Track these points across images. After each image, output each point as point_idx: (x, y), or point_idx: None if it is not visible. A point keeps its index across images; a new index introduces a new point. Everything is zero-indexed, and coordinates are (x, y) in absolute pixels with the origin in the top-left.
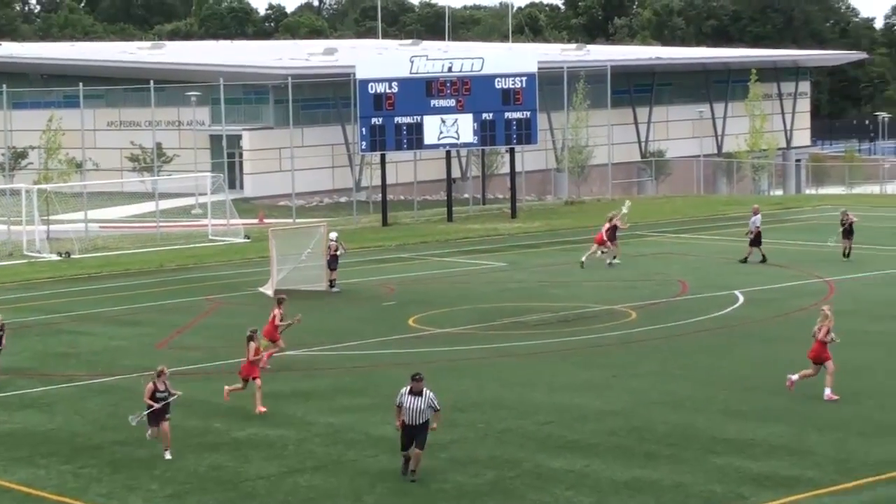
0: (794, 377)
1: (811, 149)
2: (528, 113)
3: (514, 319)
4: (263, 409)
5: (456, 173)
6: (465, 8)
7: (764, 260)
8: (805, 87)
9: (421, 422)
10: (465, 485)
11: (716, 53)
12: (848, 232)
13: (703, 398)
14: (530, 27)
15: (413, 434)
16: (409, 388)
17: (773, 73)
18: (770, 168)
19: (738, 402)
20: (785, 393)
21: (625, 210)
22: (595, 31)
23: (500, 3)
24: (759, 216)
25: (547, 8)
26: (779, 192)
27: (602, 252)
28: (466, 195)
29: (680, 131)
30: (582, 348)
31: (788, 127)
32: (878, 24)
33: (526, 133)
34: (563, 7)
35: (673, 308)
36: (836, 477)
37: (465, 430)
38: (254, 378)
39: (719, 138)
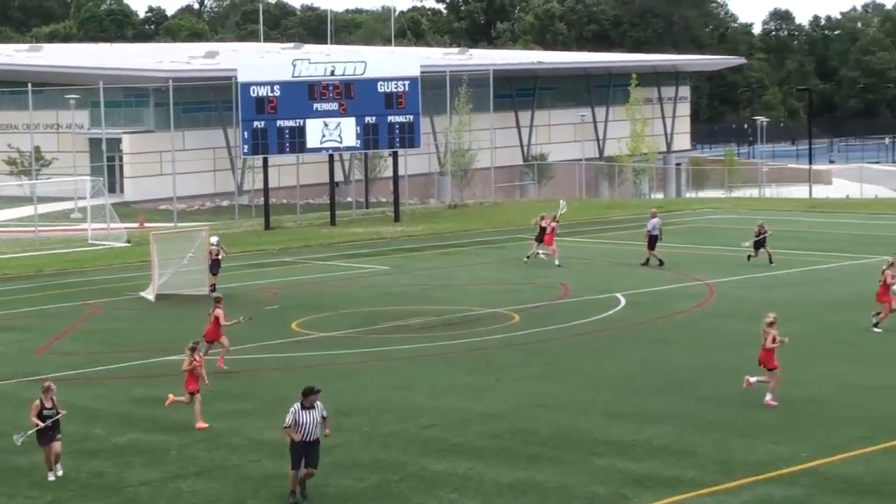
0: (753, 379)
1: (691, 153)
2: (411, 116)
3: (397, 323)
4: (204, 425)
5: (339, 177)
6: (347, 11)
7: (655, 265)
8: (685, 91)
9: (316, 437)
10: (349, 489)
11: (597, 58)
12: (760, 244)
13: (585, 400)
14: (413, 31)
15: (307, 451)
16: (300, 403)
17: (654, 77)
18: (651, 172)
19: (620, 403)
20: (666, 394)
21: (562, 210)
22: (477, 36)
23: (383, 7)
24: (657, 219)
25: (429, 12)
26: (659, 196)
27: (541, 252)
28: (349, 199)
29: (562, 135)
30: (465, 351)
31: (669, 131)
32: (757, 29)
33: (409, 137)
34: (445, 11)
35: (555, 311)
36: (718, 477)
37: (348, 434)
38: (192, 393)
39: (601, 142)
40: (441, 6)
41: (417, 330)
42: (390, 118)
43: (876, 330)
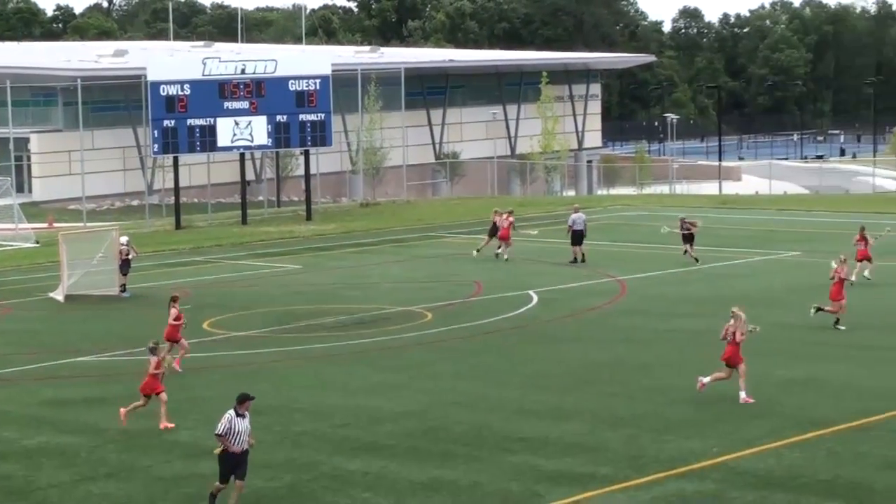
0: (706, 380)
1: (602, 150)
2: (323, 115)
3: (310, 322)
4: (171, 426)
5: (250, 176)
6: (258, 10)
7: (579, 261)
8: (596, 89)
9: (247, 446)
10: (262, 489)
11: (508, 56)
12: (689, 238)
13: (497, 398)
14: (324, 29)
15: (237, 461)
16: (234, 410)
17: (565, 75)
18: (562, 169)
19: (532, 400)
20: (578, 391)
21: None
22: (389, 34)
23: (294, 5)
24: (579, 214)
25: (340, 10)
26: (571, 193)
27: (499, 249)
28: (261, 198)
29: (474, 133)
30: (378, 350)
31: (580, 129)
32: (667, 27)
33: (320, 135)
34: (356, 9)
35: (468, 309)
36: (629, 472)
37: (261, 433)
38: (157, 393)
39: (512, 140)
40: (352, 4)
41: (330, 329)
42: (301, 117)
43: (840, 327)
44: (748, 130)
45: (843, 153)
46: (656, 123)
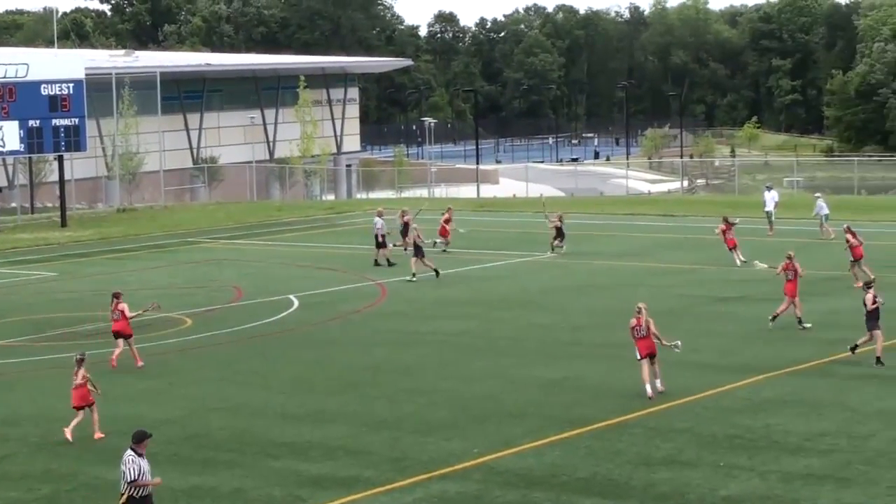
0: (658, 385)
1: (361, 154)
2: (77, 120)
3: (67, 330)
4: (101, 435)
5: (2, 182)
6: (7, 13)
7: (385, 264)
8: (354, 93)
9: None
10: (19, 501)
11: (265, 60)
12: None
13: (260, 403)
14: (77, 33)
15: None
16: (132, 450)
17: (323, 79)
18: (322, 173)
19: (294, 405)
20: (340, 394)
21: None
22: (144, 38)
23: (45, 9)
24: (381, 219)
25: (93, 13)
26: (331, 197)
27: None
28: (14, 204)
29: (232, 137)
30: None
31: (339, 133)
32: (423, 31)
33: (75, 140)
34: (110, 13)
35: (228, 314)
36: (392, 475)
37: (17, 444)
38: (90, 405)
39: (271, 144)
40: (106, 8)
41: (88, 336)
42: (55, 121)
43: (806, 325)
44: (505, 134)
45: (597, 156)
46: (414, 127)
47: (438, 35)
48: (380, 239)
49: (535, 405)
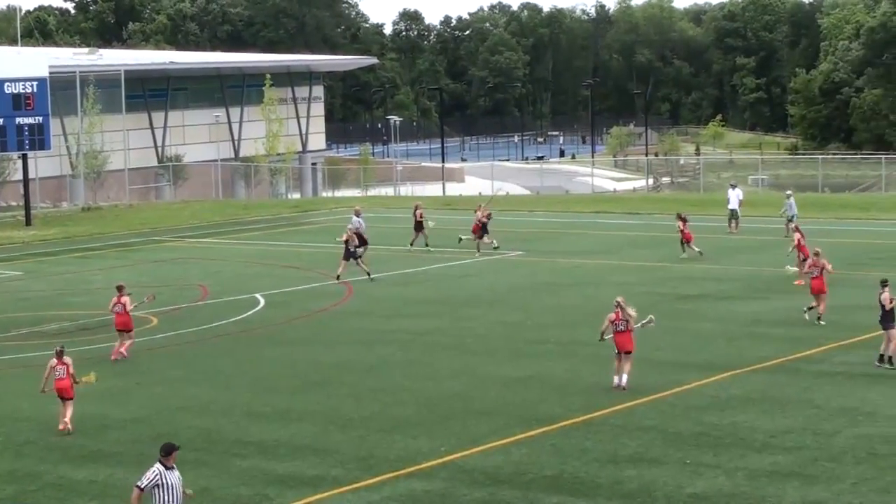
0: (624, 382)
1: (327, 152)
2: (41, 118)
3: (32, 329)
4: (68, 428)
5: None
6: None
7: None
8: (319, 91)
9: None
10: None
11: (230, 58)
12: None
13: (226, 402)
14: (40, 31)
15: None
16: (161, 463)
17: (288, 77)
18: (287, 172)
19: (261, 403)
20: (307, 393)
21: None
22: (108, 36)
23: (8, 7)
24: (359, 217)
25: (57, 11)
26: (296, 196)
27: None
28: None
29: (197, 136)
30: (103, 356)
31: (304, 131)
32: (388, 29)
33: (39, 139)
34: (73, 11)
35: (194, 313)
36: (359, 474)
37: None
38: (69, 398)
39: (237, 143)
40: (69, 5)
41: (53, 336)
42: (18, 120)
43: (821, 322)
44: (470, 132)
45: (562, 154)
46: (379, 125)
47: (403, 33)
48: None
49: (501, 403)
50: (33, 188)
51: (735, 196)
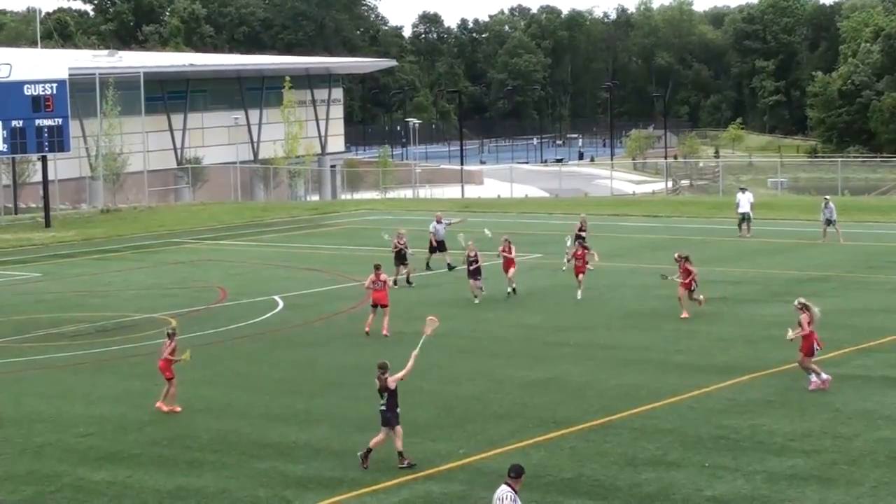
0: (822, 378)
1: (346, 155)
2: (60, 120)
3: (52, 331)
4: (176, 409)
5: None
6: None
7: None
8: (338, 93)
9: None
10: (2, 502)
11: (249, 60)
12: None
13: (244, 404)
14: (60, 33)
15: None
16: (511, 486)
17: (307, 80)
18: (306, 174)
19: (280, 406)
20: (325, 395)
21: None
22: (127, 38)
23: (28, 8)
24: (441, 223)
25: (76, 13)
26: (315, 198)
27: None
28: None
29: (216, 138)
30: (121, 358)
31: (323, 133)
32: (407, 32)
33: (58, 140)
34: (92, 13)
35: (213, 315)
36: (378, 476)
37: (1, 445)
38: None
39: (255, 145)
40: (88, 7)
41: (72, 337)
42: (38, 122)
43: None
44: (489, 135)
45: (581, 157)
46: (398, 128)
47: (423, 36)
48: (433, 244)
49: (519, 406)
50: (53, 190)
51: (746, 199)
